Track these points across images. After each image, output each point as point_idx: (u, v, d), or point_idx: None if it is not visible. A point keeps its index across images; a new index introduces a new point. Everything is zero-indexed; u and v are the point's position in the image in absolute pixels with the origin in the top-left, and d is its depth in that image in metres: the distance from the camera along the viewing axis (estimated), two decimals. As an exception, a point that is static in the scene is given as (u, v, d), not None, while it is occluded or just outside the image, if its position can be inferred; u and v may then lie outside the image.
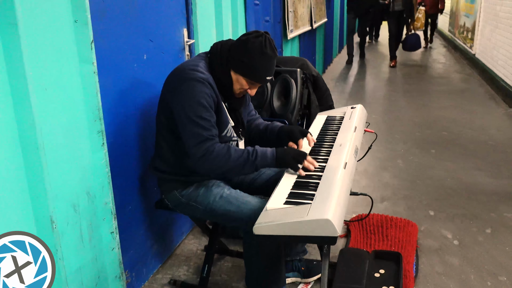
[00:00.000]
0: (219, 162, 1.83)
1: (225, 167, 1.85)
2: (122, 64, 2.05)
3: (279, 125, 2.18)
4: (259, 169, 1.91)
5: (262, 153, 1.88)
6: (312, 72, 3.21)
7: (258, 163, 1.87)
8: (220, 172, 1.92)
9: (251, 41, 1.85)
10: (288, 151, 1.92)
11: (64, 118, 1.63)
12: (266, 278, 1.99)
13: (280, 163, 1.89)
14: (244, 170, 1.89)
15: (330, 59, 9.16)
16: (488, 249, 2.68)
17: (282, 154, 1.89)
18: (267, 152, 1.89)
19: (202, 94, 1.82)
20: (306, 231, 1.52)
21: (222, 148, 1.84)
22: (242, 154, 1.86)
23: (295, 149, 1.96)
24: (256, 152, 1.87)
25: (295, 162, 1.88)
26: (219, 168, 1.86)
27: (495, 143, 4.45)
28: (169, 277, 2.47)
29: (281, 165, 1.91)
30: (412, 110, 5.69)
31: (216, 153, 1.82)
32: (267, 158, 1.88)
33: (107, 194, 1.89)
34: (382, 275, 2.35)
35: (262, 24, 4.14)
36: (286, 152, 1.90)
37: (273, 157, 1.88)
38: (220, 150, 1.83)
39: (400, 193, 3.42)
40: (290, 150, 1.93)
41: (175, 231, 2.73)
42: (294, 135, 2.08)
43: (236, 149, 1.88)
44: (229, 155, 1.83)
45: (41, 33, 1.50)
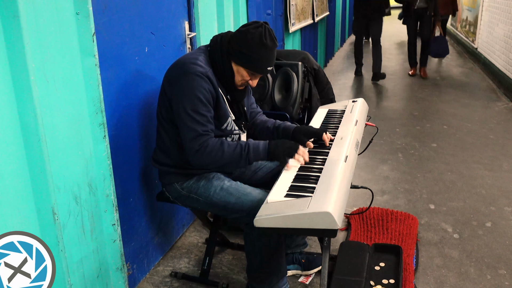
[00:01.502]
0: (213, 157, 1.84)
1: (219, 162, 1.87)
2: (123, 57, 2.06)
3: (292, 125, 2.17)
4: (252, 163, 1.93)
5: (254, 147, 1.89)
6: (313, 66, 3.21)
7: (251, 157, 1.88)
8: (215, 166, 1.95)
9: (251, 32, 1.85)
10: (280, 145, 1.92)
11: (66, 111, 1.64)
12: (266, 270, 2.00)
13: (271, 157, 1.91)
14: (238, 164, 1.91)
15: (332, 52, 9.13)
16: (487, 243, 2.69)
17: (274, 148, 1.90)
18: (260, 146, 1.90)
19: (200, 88, 1.83)
20: (307, 224, 1.53)
21: (216, 143, 1.85)
22: (235, 148, 1.87)
23: (288, 143, 1.94)
24: (248, 146, 1.89)
25: (286, 156, 1.89)
26: (213, 163, 1.88)
27: (495, 137, 4.45)
28: (170, 269, 2.48)
29: (273, 159, 1.93)
30: (413, 104, 5.69)
31: (210, 148, 1.84)
32: (259, 152, 1.90)
33: (108, 186, 1.90)
34: (382, 268, 2.37)
35: (264, 17, 4.13)
36: (278, 146, 1.91)
37: (265, 151, 1.90)
38: (214, 145, 1.84)
39: (400, 186, 3.42)
40: (282, 144, 1.93)
41: (176, 224, 2.74)
42: (315, 133, 2.10)
43: (230, 143, 1.89)
44: (223, 150, 1.85)
45: (43, 26, 1.51)
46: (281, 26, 4.76)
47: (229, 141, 1.93)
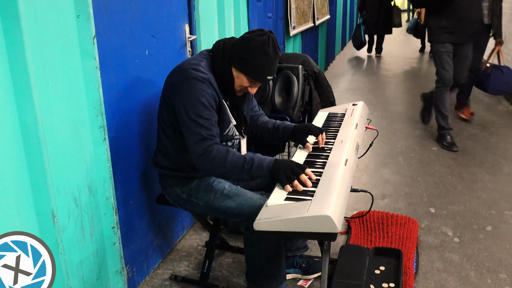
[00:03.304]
0: (216, 164, 1.81)
1: (221, 170, 1.83)
2: (124, 60, 2.06)
3: (291, 124, 2.17)
4: (255, 179, 1.86)
5: (258, 163, 1.82)
6: (314, 69, 3.21)
7: (253, 172, 1.82)
8: (217, 174, 1.94)
9: (254, 39, 1.85)
10: (283, 166, 1.78)
11: (66, 113, 1.64)
12: (266, 273, 2.00)
13: (273, 176, 1.80)
14: (239, 176, 1.86)
15: (333, 56, 9.14)
16: (488, 247, 2.68)
17: (277, 168, 1.78)
18: (264, 163, 1.82)
19: (203, 93, 1.83)
20: (306, 227, 1.53)
21: (221, 151, 1.82)
22: (238, 160, 1.82)
23: (292, 165, 1.79)
24: (252, 161, 1.82)
25: (285, 179, 1.75)
26: (216, 170, 1.86)
27: (496, 141, 4.45)
28: (170, 272, 2.48)
29: (274, 179, 1.81)
30: (413, 107, 5.68)
31: (214, 154, 1.81)
32: (263, 169, 1.81)
33: (108, 189, 1.90)
34: (382, 272, 2.36)
35: (265, 21, 4.14)
36: (281, 168, 1.78)
37: (268, 170, 1.81)
38: (218, 153, 1.81)
39: (400, 190, 3.42)
40: (286, 165, 1.78)
41: (176, 226, 2.74)
42: (313, 131, 2.09)
43: (235, 153, 1.84)
44: (226, 159, 1.80)
45: (44, 28, 1.51)
46: (282, 29, 4.76)
47: (235, 151, 1.90)
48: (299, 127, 2.14)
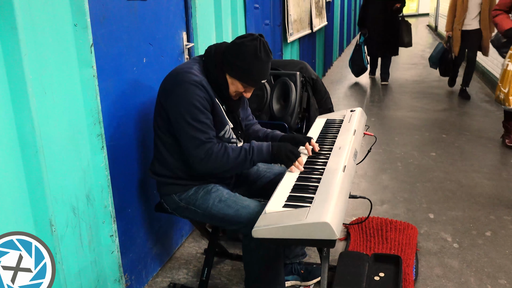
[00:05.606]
0: (219, 162, 1.88)
1: (225, 166, 1.91)
2: (121, 68, 2.06)
3: (280, 133, 2.22)
4: (256, 164, 1.99)
5: (258, 149, 1.94)
6: (312, 75, 3.22)
7: (255, 158, 1.94)
8: (221, 171, 1.97)
9: (246, 45, 1.86)
10: (282, 147, 1.96)
11: (64, 122, 1.64)
12: (265, 281, 1.99)
13: (274, 159, 1.96)
14: (243, 167, 1.97)
15: (330, 62, 9.17)
16: (487, 252, 2.68)
17: (277, 150, 1.95)
18: (263, 148, 1.95)
19: (196, 97, 1.84)
20: (305, 234, 1.52)
21: (220, 149, 1.89)
22: (240, 152, 1.92)
23: (289, 146, 1.99)
24: (252, 148, 1.94)
25: (288, 160, 1.94)
26: (219, 168, 1.92)
27: (494, 146, 4.45)
28: (169, 280, 2.47)
29: (276, 161, 1.98)
30: (411, 113, 5.70)
31: (215, 155, 1.86)
32: (263, 153, 1.95)
33: (106, 197, 1.89)
34: (381, 278, 2.35)
35: (262, 28, 4.15)
36: (282, 150, 1.95)
37: (268, 153, 1.95)
38: (218, 151, 1.88)
39: (399, 195, 3.42)
40: (284, 146, 1.97)
41: (174, 234, 2.73)
42: (299, 141, 2.12)
43: (234, 148, 1.92)
44: (228, 155, 1.89)
45: (41, 37, 1.51)
46: (279, 36, 4.78)
47: (232, 145, 1.95)
48: (286, 137, 2.18)
